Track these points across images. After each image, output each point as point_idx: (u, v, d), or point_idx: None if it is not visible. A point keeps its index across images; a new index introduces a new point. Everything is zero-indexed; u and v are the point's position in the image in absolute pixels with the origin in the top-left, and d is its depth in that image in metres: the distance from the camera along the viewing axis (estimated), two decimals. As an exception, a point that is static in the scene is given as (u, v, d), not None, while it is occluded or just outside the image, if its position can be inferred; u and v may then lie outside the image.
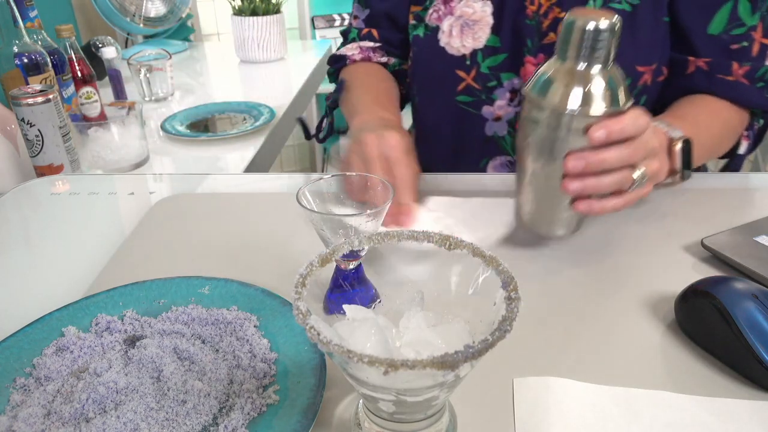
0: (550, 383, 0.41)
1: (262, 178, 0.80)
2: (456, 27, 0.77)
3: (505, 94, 0.77)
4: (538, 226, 0.56)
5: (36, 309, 0.49)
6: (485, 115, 0.79)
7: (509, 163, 0.81)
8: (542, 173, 0.52)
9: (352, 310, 0.35)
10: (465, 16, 0.76)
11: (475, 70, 0.77)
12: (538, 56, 0.73)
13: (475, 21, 0.75)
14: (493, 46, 0.75)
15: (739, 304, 0.42)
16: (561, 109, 0.48)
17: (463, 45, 0.76)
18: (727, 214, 0.62)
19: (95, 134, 0.96)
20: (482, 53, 0.76)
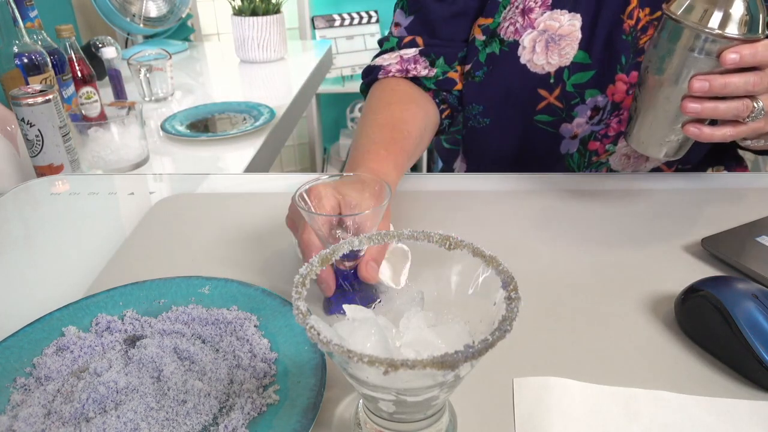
0: (550, 383, 0.41)
1: (262, 178, 0.80)
2: (540, 42, 0.70)
3: (586, 112, 0.73)
4: (647, 146, 0.59)
5: (36, 309, 0.49)
6: (563, 133, 0.75)
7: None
8: (664, 92, 0.55)
9: (352, 310, 0.35)
10: (550, 30, 0.70)
11: (559, 88, 0.72)
12: (631, 74, 0.70)
13: (562, 36, 0.70)
14: (581, 62, 0.70)
15: (739, 304, 0.42)
16: (699, 28, 0.50)
17: (548, 62, 0.71)
18: (727, 214, 0.62)
19: (95, 134, 0.96)
20: (569, 70, 0.71)
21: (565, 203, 0.66)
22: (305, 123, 2.46)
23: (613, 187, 0.70)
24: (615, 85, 0.70)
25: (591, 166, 0.77)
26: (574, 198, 0.67)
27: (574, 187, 0.70)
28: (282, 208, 0.68)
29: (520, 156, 0.80)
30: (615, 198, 0.67)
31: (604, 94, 0.72)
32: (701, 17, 0.50)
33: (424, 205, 0.67)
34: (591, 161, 0.77)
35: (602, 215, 0.64)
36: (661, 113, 0.56)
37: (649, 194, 0.68)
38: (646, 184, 0.71)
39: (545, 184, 0.72)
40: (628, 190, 0.69)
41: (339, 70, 2.34)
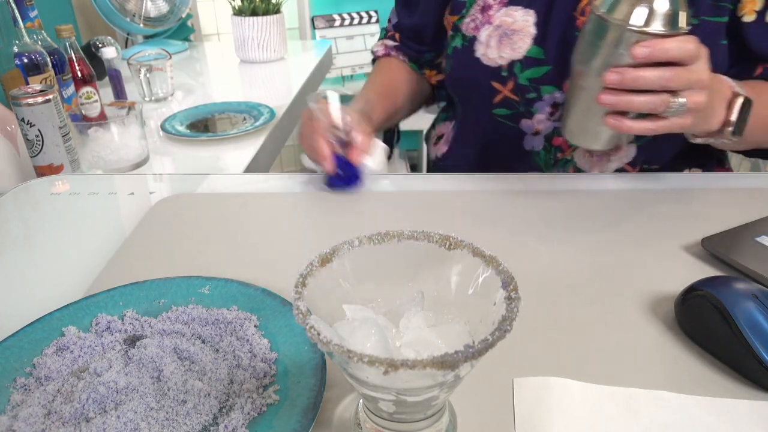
0: (550, 383, 0.41)
1: (262, 178, 0.80)
2: (494, 37, 0.74)
3: (545, 108, 0.75)
4: (576, 137, 0.61)
5: (36, 309, 0.49)
6: (524, 129, 0.77)
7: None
8: (586, 85, 0.55)
9: (352, 310, 0.35)
10: (504, 25, 0.73)
11: (512, 81, 0.74)
12: None
13: (515, 31, 0.73)
14: (535, 57, 0.73)
15: (739, 304, 0.42)
16: (614, 21, 0.51)
17: (501, 56, 0.74)
18: (727, 214, 0.62)
19: (95, 134, 0.96)
20: (521, 64, 0.73)
21: (565, 203, 0.66)
22: (305, 123, 2.46)
23: (613, 187, 0.70)
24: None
25: (558, 163, 0.78)
26: (574, 198, 0.67)
27: (574, 187, 0.70)
28: (282, 209, 0.69)
29: (490, 148, 0.82)
30: (615, 198, 0.67)
31: (562, 91, 0.73)
32: (622, 12, 0.51)
33: (424, 205, 0.67)
34: (557, 158, 0.77)
35: (602, 215, 0.64)
36: (585, 105, 0.57)
37: (649, 194, 0.68)
38: (646, 184, 0.71)
39: (545, 184, 0.72)
40: (628, 190, 0.69)
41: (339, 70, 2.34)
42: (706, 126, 0.60)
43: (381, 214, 0.66)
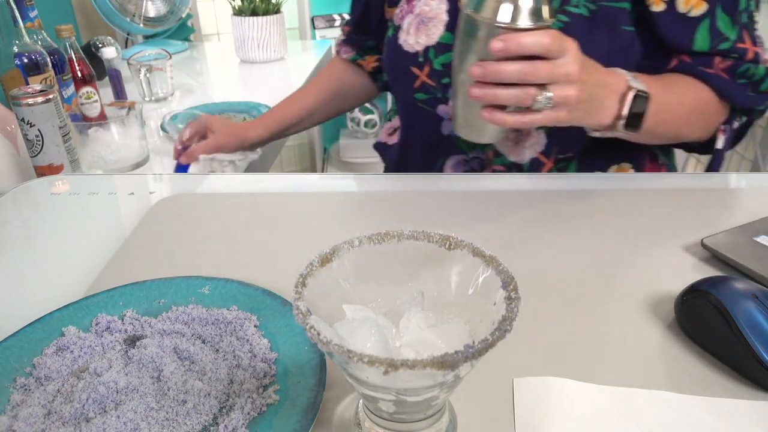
0: (550, 383, 0.41)
1: (262, 178, 0.80)
2: (413, 25, 0.78)
3: None
4: (464, 131, 0.62)
5: (36, 309, 0.49)
6: (441, 114, 0.80)
7: (464, 161, 0.81)
8: (464, 80, 0.56)
9: (352, 310, 0.35)
10: (422, 13, 0.77)
11: (428, 67, 0.77)
12: None
13: (431, 18, 0.76)
14: (446, 43, 0.75)
15: (739, 304, 0.42)
16: (479, 19, 0.52)
17: (417, 42, 0.78)
18: (727, 214, 0.62)
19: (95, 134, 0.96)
20: (435, 50, 0.76)
21: (565, 203, 0.66)
22: (305, 123, 2.46)
23: (613, 187, 0.70)
24: None
25: (477, 146, 0.79)
26: (574, 198, 0.67)
27: (574, 187, 0.70)
28: (282, 209, 0.68)
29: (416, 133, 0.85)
30: (615, 198, 0.67)
31: None
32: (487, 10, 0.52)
33: (424, 205, 0.67)
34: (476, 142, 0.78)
35: (602, 215, 0.64)
36: (465, 100, 0.57)
37: (649, 194, 0.68)
38: (646, 184, 0.71)
39: (545, 184, 0.72)
40: (628, 190, 0.69)
41: (339, 70, 2.33)
42: (596, 119, 0.60)
43: (381, 214, 0.66)
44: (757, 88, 0.70)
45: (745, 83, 0.69)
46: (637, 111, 0.60)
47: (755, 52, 0.69)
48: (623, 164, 0.80)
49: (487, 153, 0.79)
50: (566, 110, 0.55)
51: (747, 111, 0.73)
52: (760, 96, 0.71)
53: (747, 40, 0.69)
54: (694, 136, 0.73)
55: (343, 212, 0.67)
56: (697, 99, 0.70)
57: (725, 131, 0.73)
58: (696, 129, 0.72)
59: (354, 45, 1.01)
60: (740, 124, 0.74)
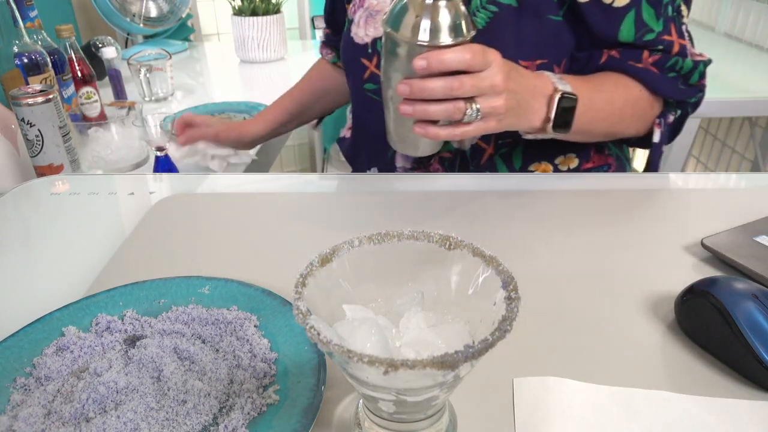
0: (550, 383, 0.41)
1: (262, 178, 0.80)
2: (363, 17, 0.80)
3: None
4: (398, 145, 0.63)
5: (36, 309, 0.49)
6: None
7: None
8: (390, 96, 0.58)
9: (352, 310, 0.35)
10: (371, 7, 0.80)
11: (376, 58, 0.80)
12: None
13: (377, 11, 0.79)
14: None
15: (739, 304, 0.42)
16: (399, 38, 0.52)
17: (366, 34, 0.80)
18: (727, 214, 0.62)
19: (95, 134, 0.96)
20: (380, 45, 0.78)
21: (565, 203, 0.66)
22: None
23: (613, 187, 0.70)
24: None
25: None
26: (574, 198, 0.67)
27: (574, 186, 0.70)
28: (282, 209, 0.69)
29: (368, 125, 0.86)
30: (615, 198, 0.67)
31: None
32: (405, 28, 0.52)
33: (424, 205, 0.67)
34: None
35: (602, 215, 0.64)
36: (396, 116, 0.58)
37: (649, 194, 0.68)
38: (646, 184, 0.71)
39: (545, 184, 0.72)
40: (628, 190, 0.69)
41: (339, 70, 2.34)
42: (526, 123, 0.62)
43: (381, 214, 0.66)
44: (687, 81, 0.71)
45: (675, 77, 0.70)
46: (564, 112, 0.62)
47: (681, 45, 0.69)
48: (569, 155, 0.80)
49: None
50: (496, 120, 0.56)
51: (680, 104, 0.74)
52: (691, 89, 0.72)
53: (673, 33, 0.69)
54: (630, 131, 0.74)
55: (343, 212, 0.67)
56: (627, 96, 0.70)
57: (660, 125, 0.74)
58: (630, 125, 0.73)
59: (332, 47, 1.03)
60: (675, 117, 0.75)
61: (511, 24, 0.70)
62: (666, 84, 0.71)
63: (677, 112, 0.75)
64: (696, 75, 0.71)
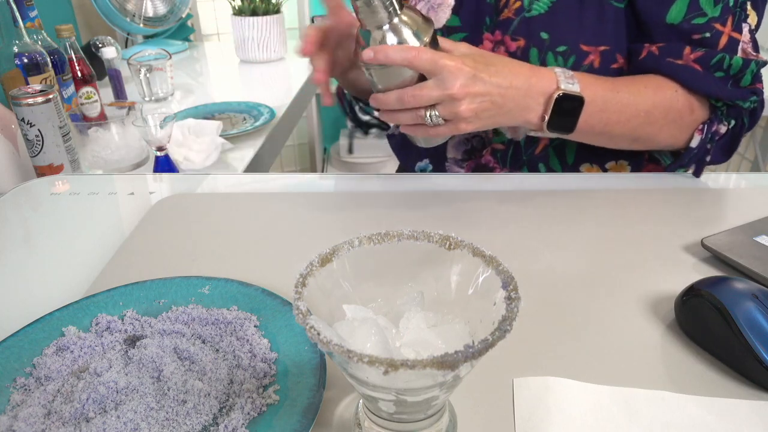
0: (550, 383, 0.41)
1: (262, 178, 0.80)
2: (423, 10, 0.79)
3: None
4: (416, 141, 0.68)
5: (36, 309, 0.49)
6: None
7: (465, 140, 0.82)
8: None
9: (352, 310, 0.35)
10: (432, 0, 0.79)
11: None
12: (495, 33, 0.74)
13: (439, 4, 0.78)
14: (452, 25, 0.77)
15: (739, 304, 0.42)
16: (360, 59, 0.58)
17: None
18: (727, 214, 0.62)
19: (95, 134, 0.96)
20: (443, 33, 0.78)
21: (565, 203, 0.66)
22: (305, 123, 2.46)
23: (613, 187, 0.70)
24: (483, 45, 0.76)
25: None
26: (575, 198, 0.67)
27: (574, 186, 0.70)
28: (282, 208, 0.69)
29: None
30: (615, 198, 0.67)
31: None
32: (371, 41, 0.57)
33: (424, 205, 0.67)
34: None
35: (602, 215, 0.64)
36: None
37: (649, 194, 0.68)
38: (646, 184, 0.71)
39: (545, 183, 0.72)
40: (628, 190, 0.69)
41: (339, 70, 2.34)
42: (520, 120, 0.63)
43: (381, 214, 0.66)
44: (738, 83, 0.66)
45: (723, 76, 0.66)
46: (565, 113, 0.62)
47: (732, 39, 0.66)
48: (621, 161, 0.78)
49: (488, 132, 0.80)
50: (464, 122, 0.59)
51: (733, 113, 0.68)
52: (741, 90, 0.67)
53: (728, 24, 0.65)
54: (663, 137, 0.69)
55: (343, 212, 0.67)
56: (657, 98, 0.66)
57: (702, 131, 0.68)
58: (662, 130, 0.68)
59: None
60: (729, 128, 0.69)
61: (573, 8, 0.70)
62: (709, 82, 0.65)
63: (730, 123, 0.68)
64: (748, 76, 0.66)
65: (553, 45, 0.71)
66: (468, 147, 0.82)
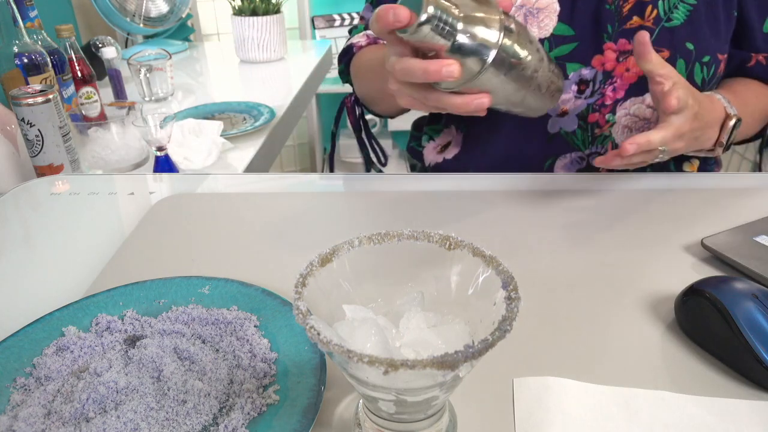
0: (550, 383, 0.41)
1: (262, 178, 0.80)
2: (518, 17, 0.72)
3: (571, 87, 0.73)
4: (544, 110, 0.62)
5: (36, 309, 0.49)
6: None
7: (580, 159, 0.78)
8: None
9: (352, 310, 0.35)
10: (528, 4, 0.72)
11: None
12: (619, 42, 0.71)
13: (540, 9, 0.72)
14: (562, 34, 0.72)
15: (739, 304, 0.42)
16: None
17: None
18: (727, 214, 0.62)
19: (95, 134, 0.96)
20: (549, 43, 0.72)
21: (565, 203, 0.66)
22: (305, 123, 2.46)
23: (613, 187, 0.70)
24: (604, 55, 0.72)
25: (596, 141, 0.77)
26: (574, 198, 0.67)
27: (575, 186, 0.70)
28: (282, 209, 0.68)
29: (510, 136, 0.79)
30: (615, 198, 0.67)
31: (590, 66, 0.73)
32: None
33: (424, 205, 0.67)
34: (594, 135, 0.76)
35: (602, 215, 0.64)
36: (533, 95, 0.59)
37: (649, 194, 0.68)
38: (646, 184, 0.71)
39: (545, 184, 0.72)
40: (628, 190, 0.69)
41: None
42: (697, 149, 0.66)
43: (381, 214, 0.66)
44: None
45: None
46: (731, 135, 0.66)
47: None
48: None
49: (606, 146, 0.77)
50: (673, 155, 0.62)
51: None
52: None
53: None
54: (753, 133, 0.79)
55: (343, 212, 0.67)
56: (762, 106, 0.74)
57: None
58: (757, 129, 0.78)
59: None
60: None
61: (709, 17, 0.70)
62: None
63: None
64: None
65: (699, 56, 0.71)
66: (582, 166, 0.78)
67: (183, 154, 0.99)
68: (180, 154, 0.99)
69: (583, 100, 0.74)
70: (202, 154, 0.99)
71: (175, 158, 0.96)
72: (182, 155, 0.99)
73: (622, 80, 0.72)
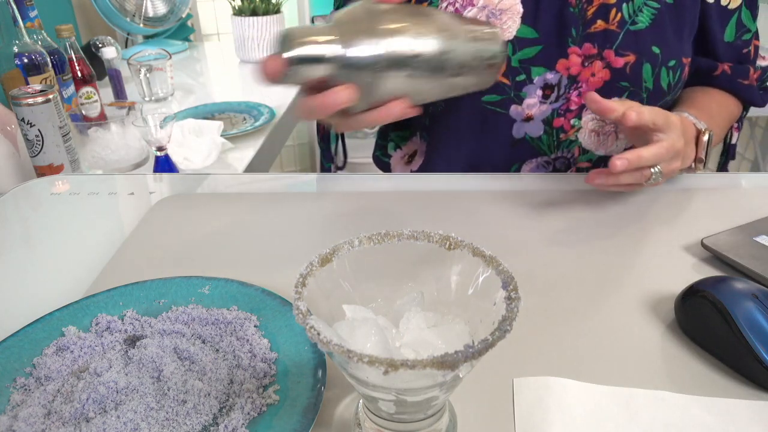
0: (550, 383, 0.41)
1: (262, 178, 0.80)
2: (481, 18, 0.70)
3: (536, 92, 0.72)
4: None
5: (36, 309, 0.49)
6: (513, 116, 0.74)
7: (546, 163, 0.77)
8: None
9: (352, 310, 0.35)
10: (490, 5, 0.70)
11: (505, 64, 0.70)
12: (584, 46, 0.70)
13: (503, 10, 0.70)
14: (525, 37, 0.70)
15: (739, 304, 0.42)
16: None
17: None
18: (727, 214, 0.62)
19: (95, 134, 0.96)
20: (512, 45, 0.70)
21: (565, 203, 0.66)
22: (305, 123, 2.46)
23: (613, 187, 0.70)
24: (569, 59, 0.71)
25: (561, 145, 0.76)
26: (574, 198, 0.67)
27: (574, 186, 0.70)
28: (282, 209, 0.68)
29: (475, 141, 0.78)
30: (615, 198, 0.67)
31: (554, 70, 0.71)
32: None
33: (424, 205, 0.67)
34: (560, 140, 0.75)
35: (602, 215, 0.64)
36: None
37: (649, 194, 0.68)
38: (646, 184, 0.71)
39: (545, 184, 0.72)
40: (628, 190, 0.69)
41: (339, 70, 2.33)
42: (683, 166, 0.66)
43: (381, 214, 0.66)
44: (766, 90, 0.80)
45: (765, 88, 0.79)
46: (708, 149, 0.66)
47: (756, 47, 0.77)
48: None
49: (572, 150, 0.76)
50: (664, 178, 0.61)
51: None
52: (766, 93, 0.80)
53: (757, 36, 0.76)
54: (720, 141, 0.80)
55: (343, 212, 0.67)
56: (727, 115, 0.76)
57: (738, 128, 0.80)
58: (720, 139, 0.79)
59: None
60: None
61: (674, 21, 0.71)
62: (757, 95, 0.78)
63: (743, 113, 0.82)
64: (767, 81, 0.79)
65: (665, 59, 0.70)
66: (550, 170, 0.78)
67: (183, 154, 0.99)
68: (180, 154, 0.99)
69: (548, 106, 0.73)
70: (202, 154, 0.99)
71: (175, 158, 0.96)
72: (182, 155, 0.99)
73: (587, 85, 0.71)
